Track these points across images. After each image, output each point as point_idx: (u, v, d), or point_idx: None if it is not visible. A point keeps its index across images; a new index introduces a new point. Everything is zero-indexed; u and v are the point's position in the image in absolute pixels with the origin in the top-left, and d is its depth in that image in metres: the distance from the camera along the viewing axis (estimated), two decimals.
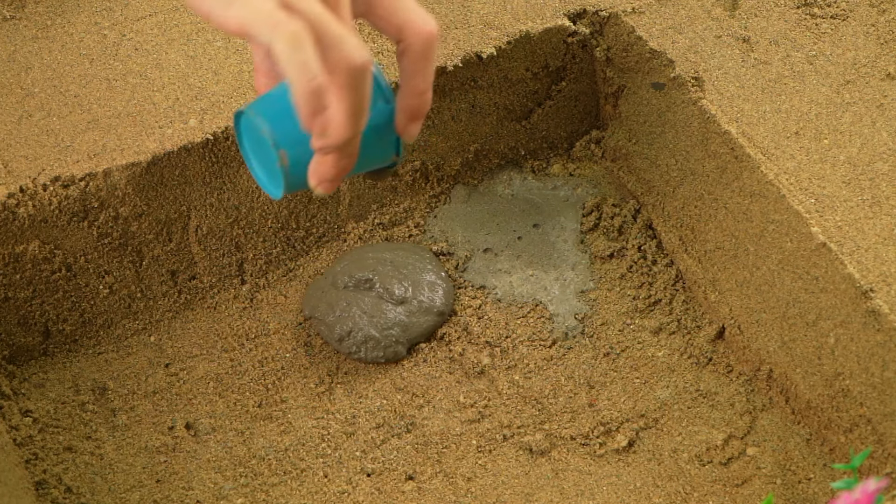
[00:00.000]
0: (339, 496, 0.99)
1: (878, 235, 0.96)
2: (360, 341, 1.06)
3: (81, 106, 1.06)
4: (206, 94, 1.07)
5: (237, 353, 1.08)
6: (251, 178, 1.08)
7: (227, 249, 1.10)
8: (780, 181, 1.00)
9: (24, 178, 1.02)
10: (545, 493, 0.99)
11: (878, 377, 0.93)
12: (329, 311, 1.07)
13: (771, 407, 1.03)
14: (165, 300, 1.09)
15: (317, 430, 1.03)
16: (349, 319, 1.07)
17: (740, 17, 1.12)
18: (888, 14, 1.11)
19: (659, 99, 1.10)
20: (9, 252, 1.02)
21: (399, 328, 1.07)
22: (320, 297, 1.09)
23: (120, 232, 1.05)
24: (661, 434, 1.02)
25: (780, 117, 1.04)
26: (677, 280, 1.10)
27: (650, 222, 1.13)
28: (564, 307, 1.10)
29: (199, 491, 0.99)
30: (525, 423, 1.03)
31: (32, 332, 1.06)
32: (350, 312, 1.07)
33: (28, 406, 1.03)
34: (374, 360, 1.06)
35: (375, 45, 1.11)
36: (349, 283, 1.09)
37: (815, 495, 0.98)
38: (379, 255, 1.11)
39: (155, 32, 1.12)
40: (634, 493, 0.99)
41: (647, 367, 1.06)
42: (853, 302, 0.94)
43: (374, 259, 1.10)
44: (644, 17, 1.11)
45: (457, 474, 1.00)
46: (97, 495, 0.99)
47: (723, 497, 0.98)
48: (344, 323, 1.07)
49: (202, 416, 1.04)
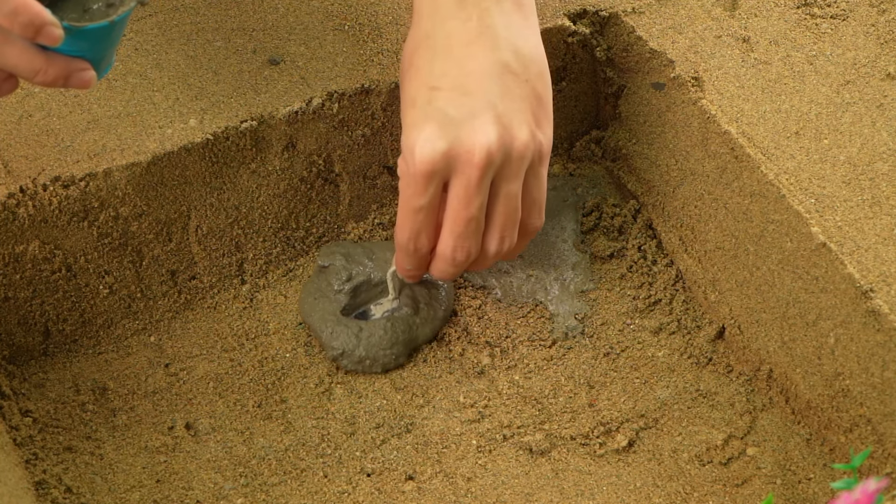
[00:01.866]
0: (339, 496, 0.99)
1: (878, 235, 0.96)
2: (356, 360, 1.05)
3: (81, 106, 1.06)
4: (206, 94, 1.07)
5: (237, 353, 1.08)
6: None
7: (227, 249, 1.10)
8: (780, 181, 1.00)
9: (24, 178, 1.02)
10: (545, 493, 0.99)
11: (878, 377, 0.93)
12: (322, 325, 1.06)
13: (771, 407, 1.03)
14: (165, 300, 1.09)
15: (317, 430, 1.03)
16: (344, 340, 1.05)
17: (740, 17, 1.12)
18: (888, 14, 1.11)
19: (659, 99, 1.10)
20: (9, 252, 1.02)
21: (400, 345, 1.06)
22: (313, 305, 1.08)
23: (120, 232, 1.05)
24: (661, 434, 1.02)
25: (780, 117, 1.04)
26: (677, 280, 1.10)
27: (650, 222, 1.13)
28: (564, 307, 1.10)
29: (199, 491, 0.99)
30: (525, 423, 1.03)
31: (32, 332, 1.06)
32: (345, 335, 1.06)
33: (28, 406, 1.03)
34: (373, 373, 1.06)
35: (375, 44, 1.11)
36: (343, 288, 1.08)
37: (815, 495, 0.98)
38: (378, 255, 1.10)
39: (155, 32, 1.12)
40: (634, 493, 0.99)
41: (647, 367, 1.06)
42: (853, 302, 0.94)
43: (370, 259, 1.10)
44: (644, 17, 1.11)
45: (457, 474, 1.00)
46: (97, 495, 0.99)
47: (723, 497, 0.98)
48: (337, 342, 1.06)
49: (202, 416, 1.04)
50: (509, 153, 0.95)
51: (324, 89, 1.07)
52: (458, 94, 0.95)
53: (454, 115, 0.95)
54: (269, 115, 1.06)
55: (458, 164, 0.95)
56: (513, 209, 0.98)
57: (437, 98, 0.96)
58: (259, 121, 1.06)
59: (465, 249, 0.99)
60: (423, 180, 0.95)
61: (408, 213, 0.98)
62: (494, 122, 0.95)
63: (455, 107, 0.95)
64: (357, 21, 1.12)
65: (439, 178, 0.96)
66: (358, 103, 1.08)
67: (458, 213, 0.97)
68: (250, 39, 1.11)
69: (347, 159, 1.11)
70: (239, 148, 1.06)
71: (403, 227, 0.99)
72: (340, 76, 1.08)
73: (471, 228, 0.97)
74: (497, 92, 0.96)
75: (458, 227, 0.97)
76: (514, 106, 0.96)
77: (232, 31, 1.12)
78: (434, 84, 0.96)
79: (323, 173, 1.10)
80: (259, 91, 1.07)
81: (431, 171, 0.95)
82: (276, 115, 1.06)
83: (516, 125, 0.96)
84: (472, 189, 0.95)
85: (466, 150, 0.94)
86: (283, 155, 1.08)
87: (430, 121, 0.95)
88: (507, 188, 0.97)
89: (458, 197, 0.96)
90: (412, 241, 0.99)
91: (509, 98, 0.96)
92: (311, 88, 1.07)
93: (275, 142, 1.07)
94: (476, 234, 0.98)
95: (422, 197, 0.97)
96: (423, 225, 0.98)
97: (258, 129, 1.06)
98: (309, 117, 1.07)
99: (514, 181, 0.97)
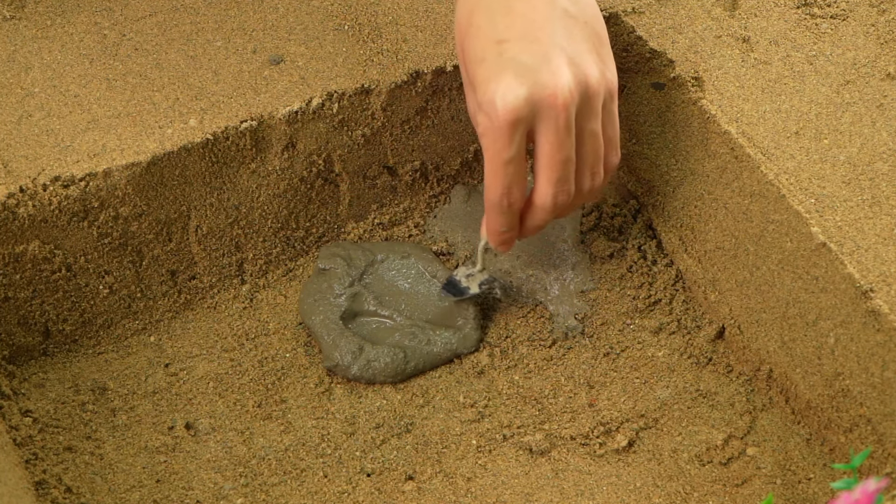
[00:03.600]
0: (339, 496, 0.99)
1: (878, 235, 0.96)
2: (350, 376, 1.05)
3: (81, 106, 1.06)
4: (206, 94, 1.07)
5: (237, 353, 1.08)
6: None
7: (227, 249, 1.10)
8: (780, 181, 1.00)
9: (24, 178, 1.02)
10: (545, 493, 0.99)
11: (878, 377, 0.93)
12: (323, 332, 1.06)
13: (771, 407, 1.03)
14: (165, 300, 1.09)
15: (317, 430, 1.03)
16: (342, 354, 1.05)
17: (740, 17, 1.12)
18: (888, 14, 1.11)
19: (659, 99, 1.10)
20: (9, 252, 1.02)
21: (401, 375, 1.05)
22: (313, 307, 1.07)
23: (120, 232, 1.05)
24: (661, 434, 1.02)
25: (780, 117, 1.04)
26: (677, 280, 1.10)
27: (650, 222, 1.13)
28: (564, 307, 1.10)
29: (199, 491, 0.99)
30: (525, 423, 1.03)
31: (32, 332, 1.06)
32: (344, 349, 1.05)
33: (28, 406, 1.03)
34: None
35: (375, 44, 1.11)
36: (344, 293, 1.07)
37: (815, 495, 0.98)
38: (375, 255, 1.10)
39: (155, 32, 1.12)
40: (634, 493, 0.99)
41: (647, 367, 1.06)
42: (853, 302, 0.94)
43: (372, 267, 1.09)
44: (644, 17, 1.11)
45: (457, 474, 1.00)
46: (97, 495, 0.99)
47: (723, 497, 0.98)
48: (334, 353, 1.05)
49: (202, 416, 1.04)
50: (586, 91, 0.96)
51: (324, 89, 1.07)
52: (527, 43, 0.96)
53: (528, 63, 0.95)
54: (268, 115, 1.06)
55: (543, 108, 0.95)
56: (598, 146, 0.99)
57: (507, 49, 0.96)
58: (259, 121, 1.06)
59: (566, 192, 0.99)
60: (509, 130, 0.95)
61: (497, 167, 0.97)
62: (567, 63, 0.95)
63: (527, 54, 0.95)
64: (357, 21, 1.12)
65: (524, 126, 0.96)
66: (358, 103, 1.08)
67: (552, 157, 0.97)
68: (250, 39, 1.11)
69: (347, 159, 1.11)
70: (239, 148, 1.06)
71: (495, 184, 0.99)
72: (340, 76, 1.08)
73: (569, 170, 0.98)
74: (563, 36, 0.96)
75: (555, 172, 0.98)
76: (581, 47, 0.97)
77: (232, 31, 1.12)
78: (500, 38, 0.96)
79: (323, 173, 1.10)
80: (259, 91, 1.07)
81: (516, 118, 0.95)
82: (275, 115, 1.06)
83: (587, 64, 0.97)
84: (563, 131, 0.96)
85: (550, 94, 0.95)
86: (282, 155, 1.08)
87: (505, 71, 0.95)
88: (589, 126, 0.98)
89: (550, 142, 0.96)
90: (505, 197, 0.99)
91: (575, 40, 0.97)
92: (310, 88, 1.07)
93: (275, 142, 1.07)
94: (573, 175, 0.99)
95: (510, 148, 0.96)
96: (514, 177, 0.98)
97: (258, 129, 1.06)
98: (309, 117, 1.07)
99: (594, 119, 0.98)
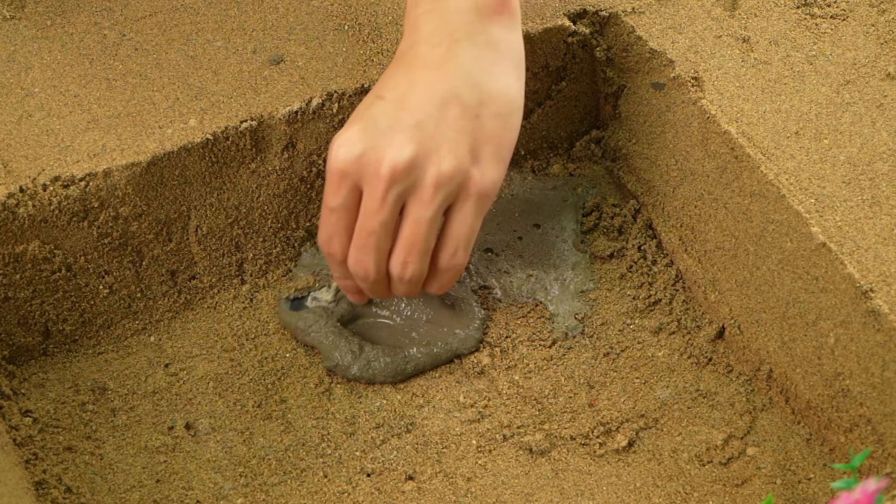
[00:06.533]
0: (339, 496, 0.99)
1: (878, 235, 0.96)
2: (355, 375, 1.05)
3: (81, 106, 1.06)
4: (206, 94, 1.07)
5: (237, 353, 1.08)
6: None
7: (227, 249, 1.10)
8: (780, 181, 1.00)
9: (24, 178, 1.02)
10: (545, 493, 0.99)
11: (878, 377, 0.93)
12: (322, 334, 1.06)
13: (771, 407, 1.03)
14: (165, 300, 1.09)
15: (317, 430, 1.03)
16: (342, 354, 1.05)
17: (740, 17, 1.12)
18: (888, 14, 1.11)
19: (659, 99, 1.10)
20: (9, 252, 1.02)
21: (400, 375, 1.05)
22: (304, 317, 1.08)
23: (120, 232, 1.05)
24: (661, 434, 1.02)
25: (780, 117, 1.04)
26: (677, 280, 1.11)
27: (650, 222, 1.13)
28: (564, 307, 1.10)
29: (199, 491, 0.99)
30: (525, 423, 1.03)
31: (32, 332, 1.06)
32: (345, 349, 1.05)
33: (28, 406, 1.03)
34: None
35: (375, 44, 1.11)
36: (335, 300, 1.07)
37: (815, 495, 0.98)
38: None
39: (155, 32, 1.12)
40: (634, 493, 0.99)
41: (647, 367, 1.06)
42: (853, 302, 0.94)
43: None
44: (644, 17, 1.11)
45: (457, 474, 1.00)
46: (97, 495, 0.99)
47: (723, 497, 0.98)
48: (334, 353, 1.05)
49: (202, 416, 1.04)
50: (422, 177, 0.94)
51: (324, 89, 1.07)
52: (394, 107, 0.95)
53: (380, 125, 0.95)
54: (268, 115, 1.06)
55: (367, 172, 0.94)
56: (417, 235, 0.96)
57: (376, 105, 0.96)
58: (259, 121, 1.06)
59: (362, 264, 0.98)
60: (335, 179, 0.96)
61: (324, 212, 0.98)
62: (415, 141, 0.94)
63: (386, 117, 0.95)
64: (357, 21, 1.13)
65: (351, 182, 0.95)
66: (358, 103, 1.08)
67: (360, 222, 0.96)
68: (250, 39, 1.11)
69: None
70: (239, 148, 1.06)
71: (320, 228, 0.99)
72: (340, 76, 1.08)
73: (370, 243, 0.96)
74: (435, 116, 0.95)
75: (358, 239, 0.97)
76: (449, 135, 0.95)
77: (232, 31, 1.12)
78: (381, 93, 0.97)
79: (323, 173, 1.10)
80: (259, 91, 1.07)
81: (343, 171, 0.95)
82: (275, 115, 1.06)
83: (443, 153, 0.94)
84: (376, 201, 0.94)
85: (376, 160, 0.94)
86: (282, 155, 1.08)
87: (357, 123, 0.95)
88: (415, 212, 0.95)
89: (364, 206, 0.96)
90: (326, 245, 0.99)
91: (446, 126, 0.95)
92: (310, 88, 1.08)
93: (274, 142, 1.07)
94: (375, 252, 0.97)
95: (335, 197, 0.96)
96: (335, 228, 0.98)
97: (258, 129, 1.06)
98: (309, 117, 1.07)
99: (424, 207, 0.95)
